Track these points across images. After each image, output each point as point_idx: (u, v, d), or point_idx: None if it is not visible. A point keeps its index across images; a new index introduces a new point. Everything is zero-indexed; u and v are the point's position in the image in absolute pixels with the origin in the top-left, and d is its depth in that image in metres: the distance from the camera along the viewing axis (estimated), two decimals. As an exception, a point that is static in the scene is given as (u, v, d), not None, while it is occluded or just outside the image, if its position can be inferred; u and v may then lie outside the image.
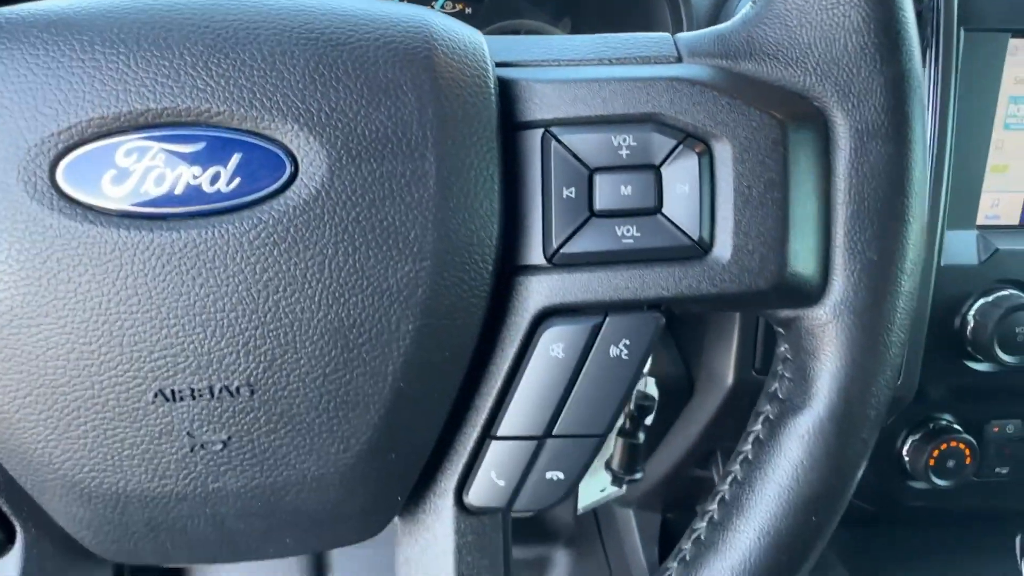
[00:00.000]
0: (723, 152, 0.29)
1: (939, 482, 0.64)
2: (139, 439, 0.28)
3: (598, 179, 0.30)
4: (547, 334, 0.30)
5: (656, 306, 0.31)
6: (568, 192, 0.30)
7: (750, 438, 0.33)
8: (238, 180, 0.27)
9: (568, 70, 0.31)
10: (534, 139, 0.30)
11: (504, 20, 0.73)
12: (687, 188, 0.29)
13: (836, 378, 0.30)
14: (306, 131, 0.27)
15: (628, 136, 0.29)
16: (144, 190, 0.27)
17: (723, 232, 0.29)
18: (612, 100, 0.29)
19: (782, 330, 0.32)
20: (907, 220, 0.29)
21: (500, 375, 0.31)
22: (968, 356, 0.59)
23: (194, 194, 0.27)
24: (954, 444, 0.63)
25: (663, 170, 0.29)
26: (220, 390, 0.28)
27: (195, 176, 0.27)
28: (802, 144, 0.29)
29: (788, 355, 0.32)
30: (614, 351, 0.30)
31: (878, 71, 0.29)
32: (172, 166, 0.27)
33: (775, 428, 0.32)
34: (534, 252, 0.30)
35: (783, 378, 0.32)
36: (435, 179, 0.28)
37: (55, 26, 0.26)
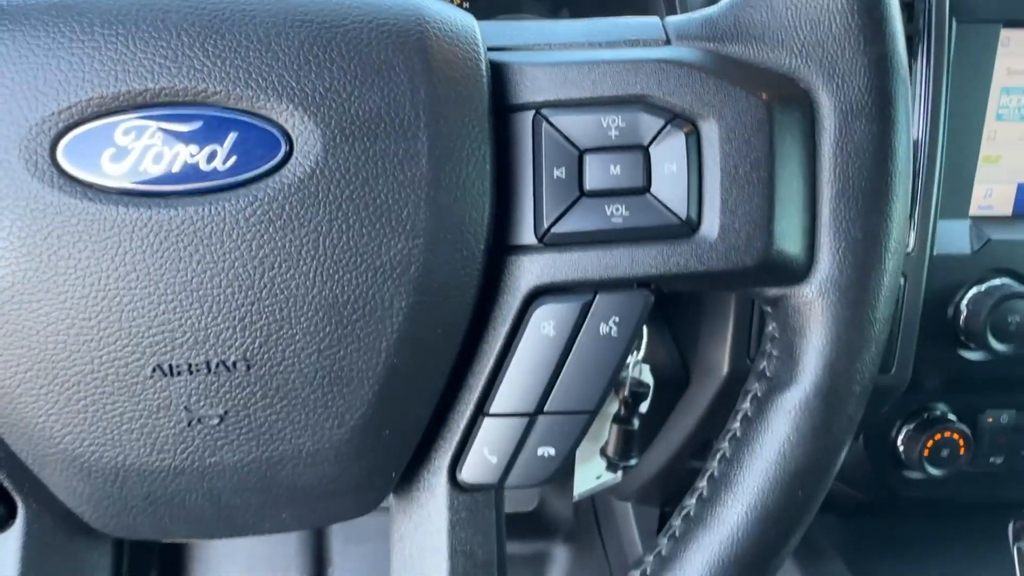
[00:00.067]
0: (710, 132, 0.30)
1: (933, 472, 0.64)
2: (138, 413, 0.29)
3: (588, 159, 0.30)
4: (538, 312, 0.31)
5: (645, 284, 0.31)
6: (559, 172, 0.30)
7: (738, 416, 0.33)
8: (234, 158, 0.27)
9: (559, 53, 0.31)
10: (525, 121, 0.31)
11: (502, 14, 0.73)
12: (675, 168, 0.30)
13: (822, 354, 0.31)
14: (301, 111, 0.27)
15: (617, 117, 0.30)
16: (143, 168, 0.27)
17: (710, 211, 0.30)
18: (601, 82, 0.30)
19: (770, 309, 0.33)
20: (891, 198, 0.30)
21: (492, 353, 0.32)
22: (961, 345, 0.60)
23: (191, 172, 0.27)
24: (948, 434, 0.64)
25: (651, 150, 0.30)
26: (217, 365, 0.28)
27: (192, 154, 0.27)
28: (788, 124, 0.30)
29: (776, 334, 0.33)
30: (604, 328, 0.31)
31: (862, 52, 0.29)
32: (170, 144, 0.27)
33: (762, 405, 0.32)
34: (525, 232, 0.31)
35: (771, 356, 0.33)
36: (427, 158, 0.28)
37: (55, 8, 0.27)
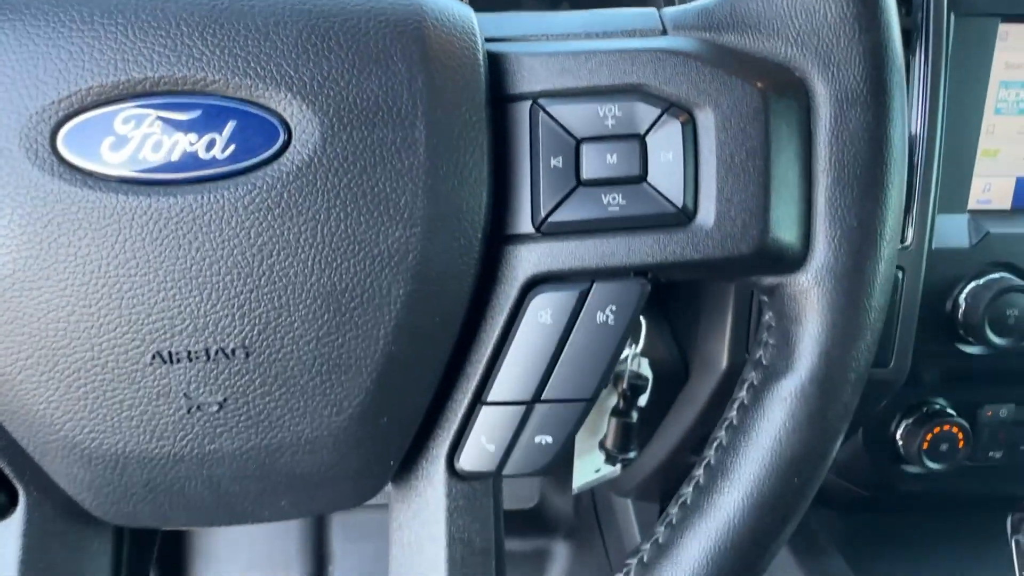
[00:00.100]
0: (706, 121, 0.30)
1: (932, 466, 0.64)
2: (137, 400, 0.29)
3: (585, 149, 0.30)
4: (535, 301, 0.31)
5: (642, 273, 0.31)
6: (555, 162, 0.30)
7: (735, 405, 0.33)
8: (233, 147, 0.28)
9: (556, 44, 0.31)
10: (522, 111, 0.31)
11: (503, 10, 0.74)
12: (671, 156, 0.30)
13: (817, 342, 0.31)
14: (299, 99, 0.27)
15: (614, 106, 0.30)
16: (142, 156, 0.27)
17: (706, 199, 0.30)
18: (598, 71, 0.30)
19: (766, 298, 0.33)
20: (886, 186, 0.30)
21: (490, 342, 0.32)
22: (960, 339, 0.60)
23: (190, 160, 0.27)
24: (947, 428, 0.64)
25: (648, 139, 0.30)
26: (216, 352, 0.28)
27: (191, 143, 0.27)
28: (783, 113, 0.30)
29: (772, 323, 0.33)
30: (600, 317, 0.31)
31: (857, 40, 0.29)
32: (169, 133, 0.27)
33: (759, 393, 0.32)
34: (523, 221, 0.31)
35: (767, 345, 0.33)
36: (425, 147, 0.28)
37: None
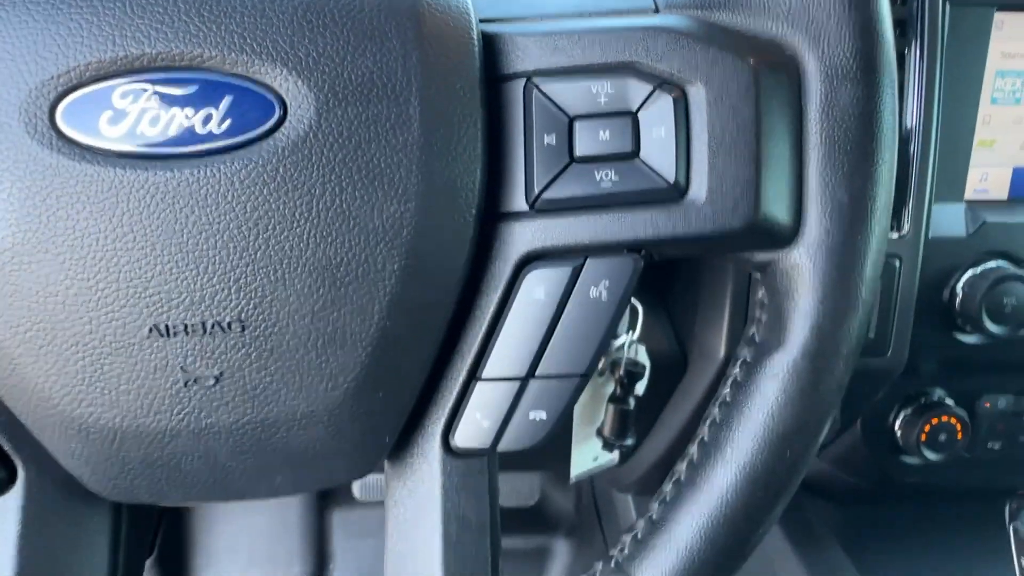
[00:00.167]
0: (697, 97, 0.30)
1: (931, 456, 0.64)
2: (135, 374, 0.29)
3: (578, 126, 0.31)
4: (529, 277, 0.31)
5: (636, 250, 0.32)
6: (549, 139, 0.31)
7: (728, 381, 0.34)
8: (229, 122, 0.28)
9: (549, 23, 0.32)
10: (516, 89, 0.31)
11: None
12: (663, 132, 0.30)
13: (809, 316, 0.31)
14: (294, 75, 0.28)
15: (607, 84, 0.30)
16: (140, 131, 0.28)
17: (698, 174, 0.30)
18: (591, 50, 0.31)
19: (759, 275, 0.33)
20: (877, 161, 0.30)
21: (485, 319, 0.32)
22: (957, 328, 0.60)
23: (187, 135, 0.28)
24: (945, 418, 0.64)
25: (640, 116, 0.30)
26: (212, 325, 0.29)
27: (188, 117, 0.28)
28: (774, 89, 0.30)
29: (765, 300, 0.33)
30: (594, 292, 0.31)
31: (847, 17, 0.30)
32: (166, 108, 0.28)
33: (751, 370, 0.33)
34: (517, 198, 0.31)
35: (759, 322, 0.33)
36: (419, 123, 0.29)
37: None
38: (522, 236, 0.31)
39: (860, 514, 0.75)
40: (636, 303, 0.50)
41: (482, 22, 0.31)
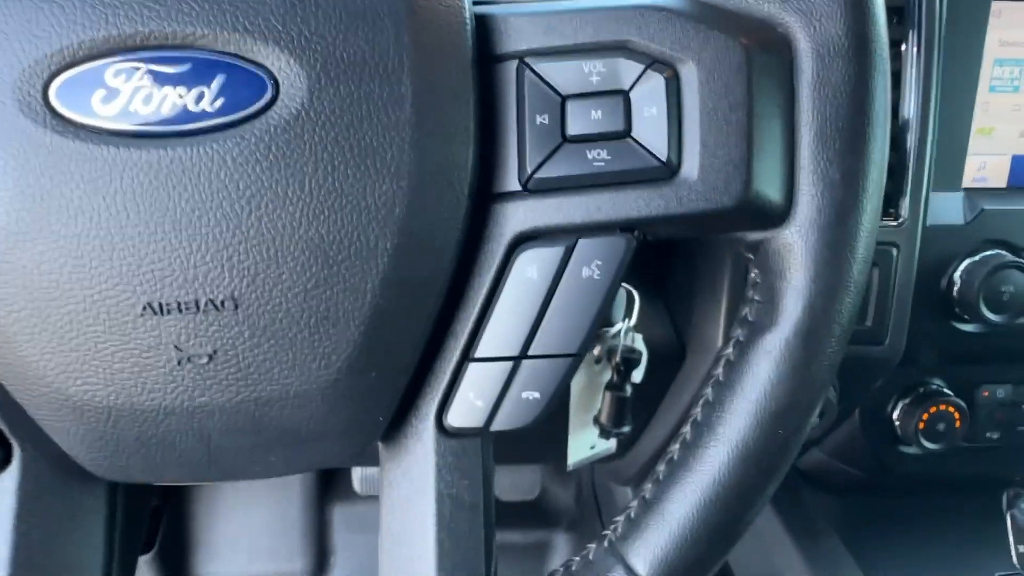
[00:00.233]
0: (689, 75, 0.30)
1: (929, 445, 0.64)
2: (129, 352, 0.29)
3: (570, 105, 0.31)
4: (522, 257, 0.32)
5: (629, 230, 0.32)
6: (541, 119, 0.31)
7: (721, 362, 0.34)
8: (222, 100, 0.28)
9: (541, 4, 0.32)
10: (509, 70, 0.31)
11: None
12: (655, 111, 0.30)
13: (801, 295, 0.31)
14: (286, 54, 0.28)
15: (598, 63, 0.30)
16: (133, 109, 0.28)
17: (690, 153, 0.30)
18: (583, 29, 0.31)
19: (752, 255, 0.33)
20: (869, 139, 0.30)
21: (478, 300, 0.32)
22: (955, 317, 0.60)
23: (180, 113, 0.28)
24: (944, 407, 0.64)
25: (632, 94, 0.30)
26: (206, 303, 0.29)
27: (181, 96, 0.28)
28: (766, 67, 0.30)
29: (757, 279, 0.33)
30: (586, 272, 0.31)
31: None
32: (159, 86, 0.28)
33: (744, 349, 0.33)
34: (509, 179, 0.31)
35: (752, 302, 0.33)
36: (411, 102, 0.29)
37: None
38: (515, 216, 0.32)
39: (859, 505, 0.75)
40: (632, 290, 0.50)
41: (475, 3, 0.32)
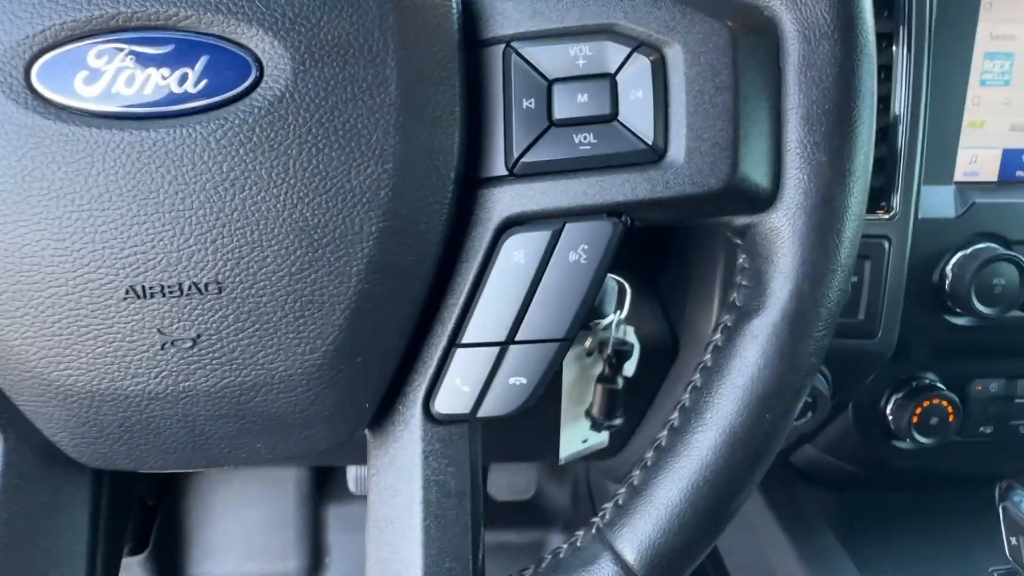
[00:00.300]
0: (675, 58, 0.30)
1: (922, 440, 0.64)
2: (111, 336, 0.29)
3: (556, 89, 0.31)
4: (509, 242, 0.31)
5: (616, 213, 0.32)
6: (528, 103, 0.31)
7: (709, 347, 0.33)
8: (205, 82, 0.28)
9: None
10: (496, 54, 0.31)
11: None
12: (641, 94, 0.30)
13: (789, 278, 0.31)
14: (270, 35, 0.28)
15: (584, 47, 0.30)
16: (115, 90, 0.28)
17: (676, 136, 0.30)
18: (569, 13, 0.31)
19: (739, 240, 0.33)
20: (855, 121, 0.30)
21: (465, 285, 0.32)
22: (947, 310, 0.60)
23: (163, 95, 0.28)
24: (937, 401, 0.64)
25: (618, 78, 0.30)
26: (189, 287, 0.29)
27: (164, 77, 0.28)
28: (752, 50, 0.30)
29: (745, 264, 0.33)
30: (573, 256, 0.31)
31: None
32: (142, 67, 0.28)
33: (732, 334, 0.32)
34: (496, 163, 0.31)
35: (740, 287, 0.33)
36: (396, 85, 0.29)
37: None
38: (501, 201, 0.31)
39: (853, 501, 0.75)
40: (624, 282, 0.50)
41: None
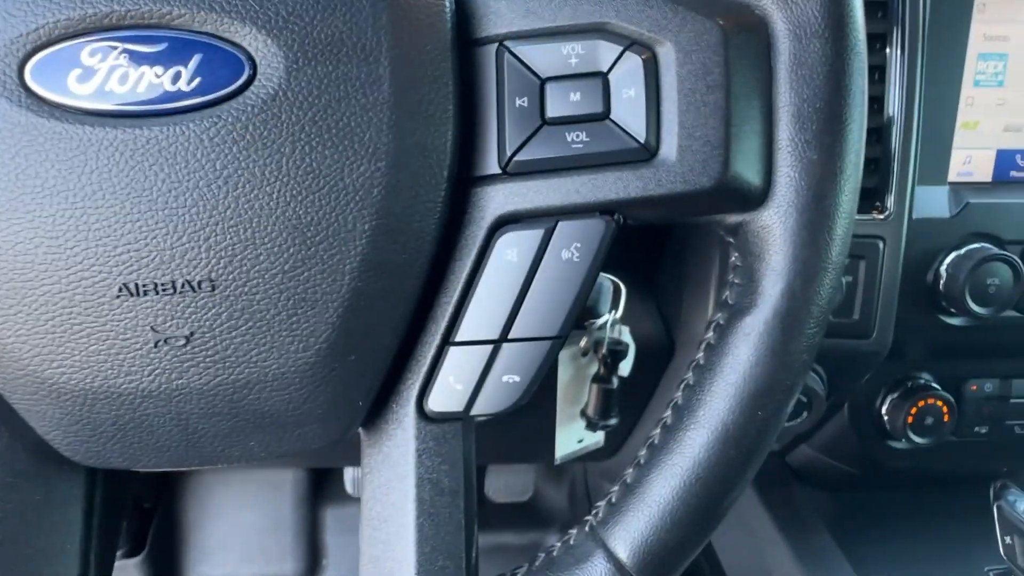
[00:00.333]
0: (667, 56, 0.30)
1: (917, 440, 0.64)
2: (105, 334, 0.29)
3: (549, 88, 0.31)
4: (502, 240, 0.32)
5: (608, 212, 0.32)
6: (521, 102, 0.31)
7: (702, 346, 0.34)
8: (199, 80, 0.28)
9: None
10: (489, 53, 0.31)
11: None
12: (633, 93, 0.30)
13: (781, 276, 0.31)
14: (264, 34, 0.28)
15: (577, 45, 0.31)
16: (109, 88, 0.28)
17: (668, 134, 0.30)
18: (561, 12, 0.31)
19: (732, 238, 0.33)
20: (846, 119, 0.30)
21: (458, 284, 0.32)
22: (941, 310, 0.60)
23: (156, 93, 0.28)
24: (932, 401, 0.64)
25: (610, 76, 0.31)
26: (183, 284, 0.29)
27: (157, 75, 0.28)
28: (743, 49, 0.30)
29: (737, 262, 0.33)
30: (566, 254, 0.31)
31: None
32: (135, 65, 0.28)
33: (724, 332, 0.33)
34: (489, 162, 0.31)
35: (732, 285, 0.33)
36: (389, 83, 0.29)
37: None
38: (494, 199, 0.31)
39: (849, 501, 0.75)
40: (619, 281, 0.50)
41: None
